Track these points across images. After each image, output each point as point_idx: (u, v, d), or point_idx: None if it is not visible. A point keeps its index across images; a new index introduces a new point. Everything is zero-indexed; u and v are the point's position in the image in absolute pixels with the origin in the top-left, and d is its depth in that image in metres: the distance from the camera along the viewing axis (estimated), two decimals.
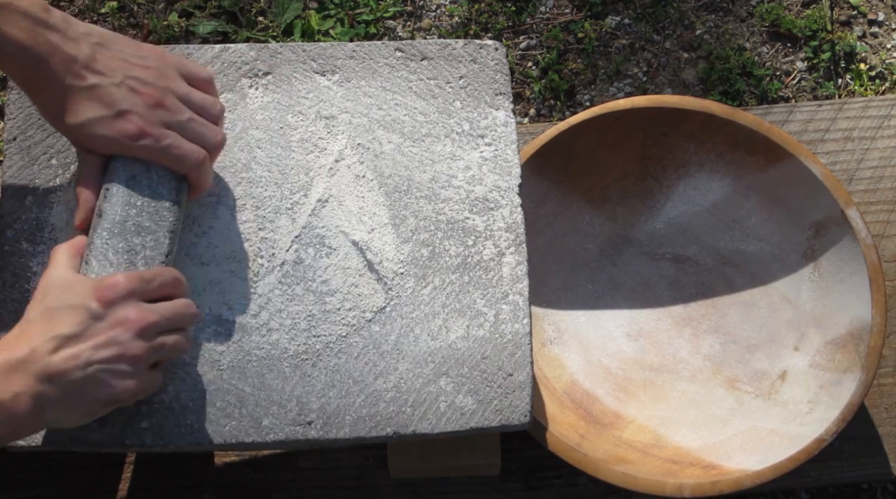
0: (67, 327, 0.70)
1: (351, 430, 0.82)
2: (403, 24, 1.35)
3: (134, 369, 0.72)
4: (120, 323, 0.72)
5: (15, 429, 0.69)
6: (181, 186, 0.81)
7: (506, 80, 0.92)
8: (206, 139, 0.80)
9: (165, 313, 0.74)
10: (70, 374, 0.70)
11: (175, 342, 0.75)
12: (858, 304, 0.95)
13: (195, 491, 0.98)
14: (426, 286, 0.86)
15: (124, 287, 0.73)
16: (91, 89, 0.76)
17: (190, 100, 0.80)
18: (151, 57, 0.79)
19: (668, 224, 1.06)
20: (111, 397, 0.72)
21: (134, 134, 0.77)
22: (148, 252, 0.78)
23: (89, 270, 0.76)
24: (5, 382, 0.68)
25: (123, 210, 0.78)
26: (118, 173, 0.79)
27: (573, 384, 1.00)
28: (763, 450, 0.93)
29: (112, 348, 0.71)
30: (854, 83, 1.32)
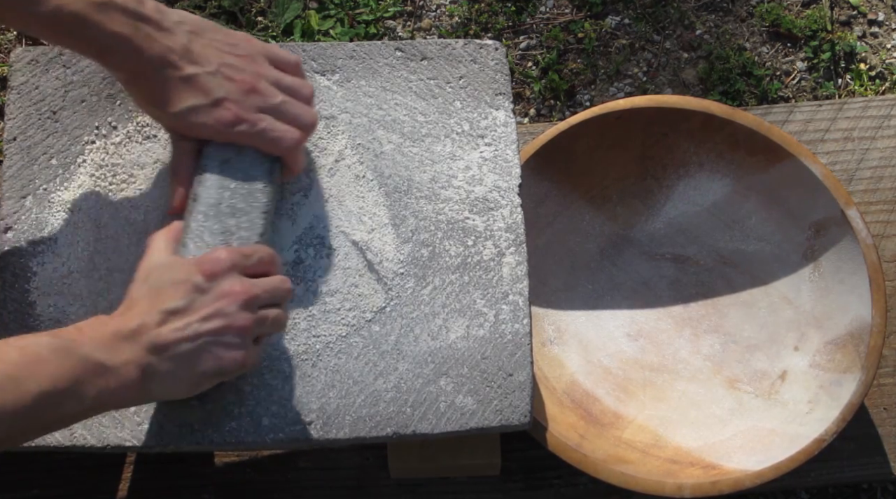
0: (174, 302, 0.72)
1: (351, 430, 0.82)
2: (403, 24, 1.35)
3: (241, 341, 0.73)
4: (225, 295, 0.73)
5: (122, 397, 0.70)
6: (274, 168, 0.82)
7: (506, 80, 0.92)
8: (300, 120, 0.82)
9: (266, 287, 0.75)
10: (179, 345, 0.71)
11: (277, 316, 0.76)
12: (858, 304, 0.95)
13: (195, 491, 0.98)
14: (426, 286, 0.86)
15: (227, 260, 0.74)
16: (188, 79, 0.77)
17: (281, 83, 0.82)
18: (242, 44, 0.81)
19: (668, 224, 1.06)
20: (219, 368, 0.73)
21: (231, 121, 0.79)
22: (243, 232, 0.79)
23: (186, 252, 0.78)
24: (116, 350, 0.69)
25: (217, 193, 0.80)
26: (212, 158, 0.80)
27: (573, 384, 1.00)
28: (763, 450, 0.93)
29: (219, 320, 0.72)
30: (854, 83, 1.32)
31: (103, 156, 0.87)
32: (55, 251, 0.84)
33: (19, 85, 0.88)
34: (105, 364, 0.68)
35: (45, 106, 0.87)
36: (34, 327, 0.82)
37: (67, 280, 0.83)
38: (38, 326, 0.82)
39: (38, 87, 0.88)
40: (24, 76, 0.88)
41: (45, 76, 0.88)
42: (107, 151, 0.87)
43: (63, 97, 0.88)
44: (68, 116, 0.87)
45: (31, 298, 0.83)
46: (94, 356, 0.68)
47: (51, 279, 0.83)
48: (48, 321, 0.82)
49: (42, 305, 0.83)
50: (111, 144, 0.87)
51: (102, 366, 0.68)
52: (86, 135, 0.87)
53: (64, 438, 0.80)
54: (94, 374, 0.67)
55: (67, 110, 0.87)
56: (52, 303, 0.83)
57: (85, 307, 0.83)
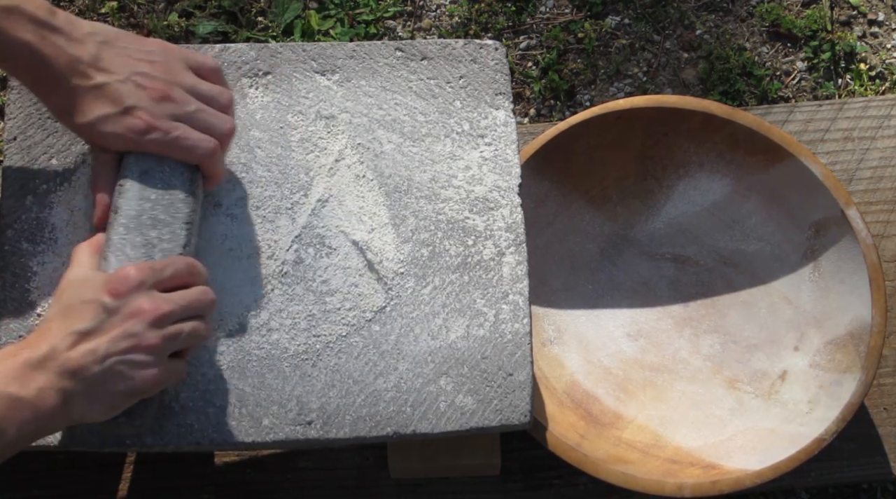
0: (83, 323, 0.71)
1: (351, 430, 0.82)
2: (403, 24, 1.35)
3: (152, 359, 0.72)
4: (133, 314, 0.72)
5: (43, 425, 0.69)
6: (195, 177, 0.81)
7: (506, 80, 0.92)
8: (215, 128, 0.80)
9: (180, 301, 0.74)
10: (89, 368, 0.70)
11: (193, 329, 0.75)
12: (858, 304, 0.95)
13: (195, 491, 0.98)
14: (426, 286, 0.86)
15: (135, 278, 0.73)
16: (97, 88, 0.76)
17: (198, 91, 0.80)
18: (157, 51, 0.80)
19: (669, 224, 1.06)
20: (132, 388, 0.72)
21: (142, 129, 0.77)
22: (165, 245, 0.78)
23: (107, 266, 0.77)
24: (29, 378, 0.68)
25: (138, 204, 0.79)
26: (131, 169, 0.79)
27: (573, 384, 1.00)
28: (763, 450, 0.93)
29: (127, 340, 0.71)
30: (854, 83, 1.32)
31: None
32: (55, 251, 0.84)
33: (19, 85, 0.88)
34: (19, 397, 0.67)
35: None
36: (34, 327, 0.82)
37: None
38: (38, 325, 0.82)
39: None
40: None
41: None
42: None
43: None
44: None
45: (31, 298, 0.83)
46: (7, 391, 0.67)
47: (51, 279, 0.83)
48: None
49: (42, 305, 0.83)
50: None
51: (17, 399, 0.67)
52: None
53: (64, 437, 0.80)
54: (10, 409, 0.67)
55: None
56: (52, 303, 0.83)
57: None
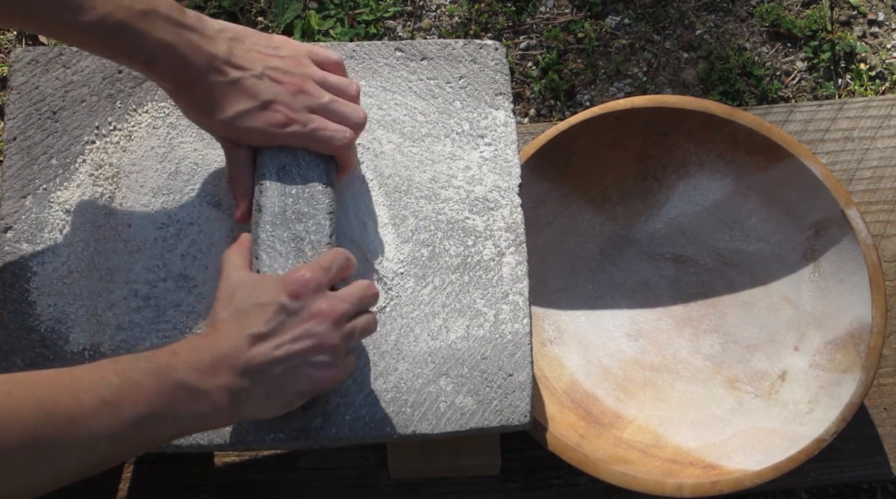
0: (262, 325, 0.72)
1: (351, 430, 0.82)
2: (403, 24, 1.35)
3: (332, 358, 0.74)
4: (314, 315, 0.73)
5: (215, 419, 0.70)
6: (329, 168, 0.82)
7: (506, 80, 0.92)
8: (349, 118, 0.82)
9: (352, 300, 0.76)
10: (271, 368, 0.71)
11: (365, 325, 0.77)
12: (858, 304, 0.95)
13: (195, 491, 0.98)
14: (426, 286, 0.86)
15: (312, 280, 0.74)
16: (235, 83, 0.77)
17: (327, 83, 0.82)
18: (284, 46, 0.81)
19: (669, 224, 1.06)
20: (313, 387, 0.74)
21: (282, 122, 0.79)
22: (312, 236, 0.79)
23: (261, 264, 0.78)
24: (210, 376, 0.69)
25: (280, 200, 0.80)
26: (268, 166, 0.81)
27: (573, 384, 1.00)
28: (763, 450, 0.93)
29: (310, 340, 0.73)
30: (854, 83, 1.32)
31: (103, 156, 0.87)
32: (55, 251, 0.84)
33: (19, 85, 0.88)
34: (199, 389, 0.69)
35: (45, 106, 0.87)
36: (34, 327, 0.82)
37: (67, 280, 0.83)
38: (38, 326, 0.82)
39: (38, 87, 0.88)
40: (24, 76, 0.88)
41: (45, 76, 0.88)
42: (107, 151, 0.87)
43: (63, 97, 0.88)
44: (68, 116, 0.87)
45: (31, 298, 0.83)
46: (188, 381, 0.68)
47: (51, 279, 0.83)
48: (48, 321, 0.82)
49: (42, 305, 0.83)
50: (111, 144, 0.87)
51: (196, 391, 0.68)
52: (86, 135, 0.87)
53: None
54: (188, 398, 0.68)
55: (67, 110, 0.87)
56: (52, 303, 0.83)
57: (85, 307, 0.83)
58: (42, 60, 0.88)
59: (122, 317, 0.83)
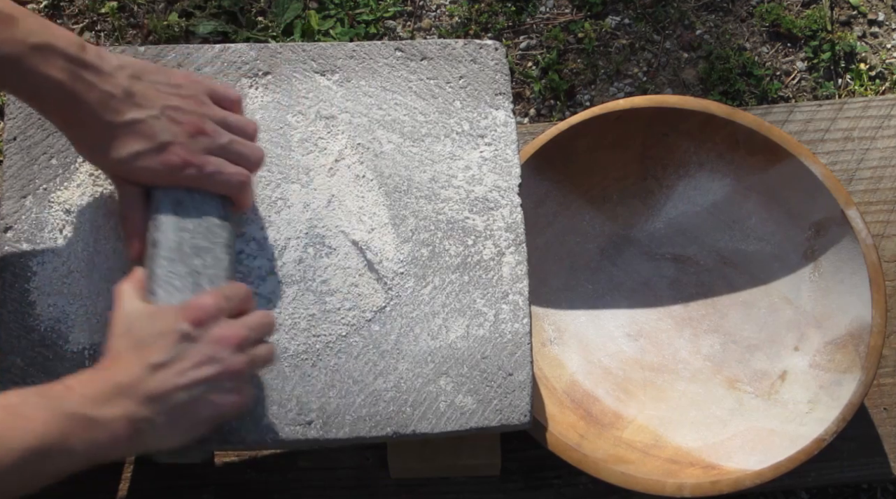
0: (163, 353, 0.71)
1: (351, 430, 0.82)
2: (403, 24, 1.35)
3: (236, 384, 0.73)
4: (217, 341, 0.72)
5: (115, 450, 0.69)
6: (226, 202, 0.81)
7: (506, 80, 0.92)
8: (247, 159, 0.81)
9: (253, 325, 0.75)
10: (173, 396, 0.70)
11: (266, 352, 0.76)
12: (858, 304, 0.95)
13: (195, 491, 0.98)
14: (426, 286, 0.86)
15: (212, 306, 0.73)
16: (131, 124, 0.76)
17: (227, 122, 0.81)
18: (185, 84, 0.80)
19: (669, 224, 1.06)
20: (217, 413, 0.72)
21: (179, 164, 0.77)
22: (210, 271, 0.78)
23: (156, 300, 0.76)
24: (107, 405, 0.68)
25: (176, 235, 0.78)
26: (163, 201, 0.79)
27: (573, 384, 1.00)
28: (763, 450, 0.93)
29: (214, 365, 0.72)
30: (854, 83, 1.32)
31: None
32: (55, 251, 0.84)
33: None
34: (94, 419, 0.67)
35: None
36: (34, 327, 0.82)
37: (67, 280, 0.83)
38: (38, 325, 0.82)
39: None
40: None
41: None
42: None
43: None
44: None
45: (31, 298, 0.83)
46: (83, 412, 0.67)
47: (51, 279, 0.83)
48: (48, 321, 0.82)
49: (42, 305, 0.83)
50: None
51: (92, 421, 0.67)
52: None
53: None
54: (82, 430, 0.67)
55: None
56: (52, 302, 0.83)
57: (85, 307, 0.83)
58: None
59: None
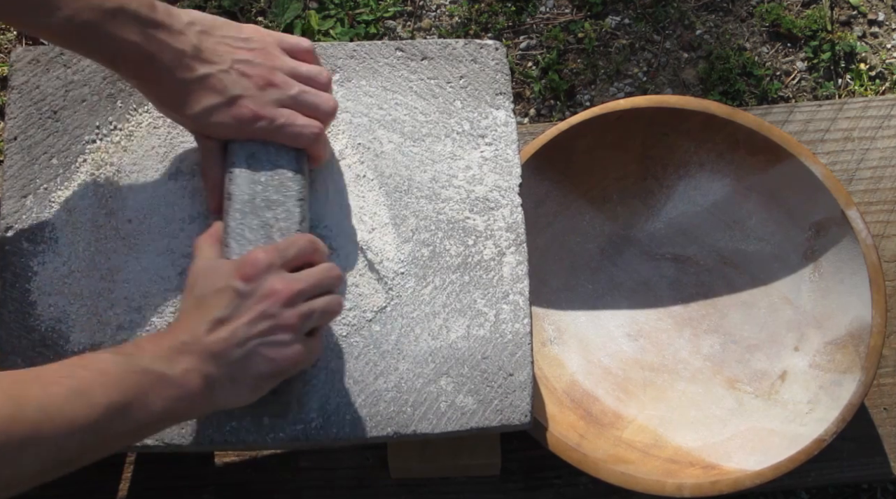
0: (218, 310, 0.72)
1: (351, 429, 0.82)
2: (403, 24, 1.35)
3: (291, 338, 0.73)
4: (267, 296, 0.73)
5: (188, 406, 0.70)
6: (301, 155, 0.82)
7: (506, 80, 0.92)
8: (319, 108, 0.82)
9: (309, 279, 0.75)
10: (230, 352, 0.71)
11: (326, 305, 0.76)
12: (858, 304, 0.95)
13: (195, 491, 0.98)
14: (427, 286, 0.86)
15: (264, 261, 0.74)
16: (203, 79, 0.77)
17: (297, 72, 0.82)
18: (254, 38, 0.81)
19: (669, 224, 1.06)
20: (274, 368, 0.73)
21: (249, 118, 0.79)
22: (282, 224, 0.79)
23: (230, 253, 0.78)
24: (174, 361, 0.70)
25: (250, 188, 0.80)
26: (237, 155, 0.81)
27: (573, 384, 1.00)
28: (763, 450, 0.93)
29: (265, 321, 0.72)
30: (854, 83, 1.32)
31: (104, 155, 0.87)
32: (56, 251, 0.84)
33: (20, 84, 0.88)
34: (166, 375, 0.69)
35: (46, 105, 0.87)
36: (35, 327, 0.82)
37: (68, 280, 0.83)
38: (38, 325, 0.82)
39: (39, 87, 0.88)
40: (24, 76, 0.88)
41: (46, 76, 0.88)
42: (107, 151, 0.87)
43: (64, 97, 0.88)
44: (69, 116, 0.87)
45: (32, 298, 0.83)
46: (154, 368, 0.68)
47: (51, 279, 0.83)
48: (49, 321, 0.82)
49: (42, 305, 0.83)
50: (112, 144, 0.87)
51: (164, 377, 0.69)
52: (86, 134, 0.87)
53: None
54: (158, 385, 0.68)
55: (68, 110, 0.87)
56: (52, 302, 0.83)
57: (86, 307, 0.83)
58: (43, 60, 0.88)
59: (123, 316, 0.83)
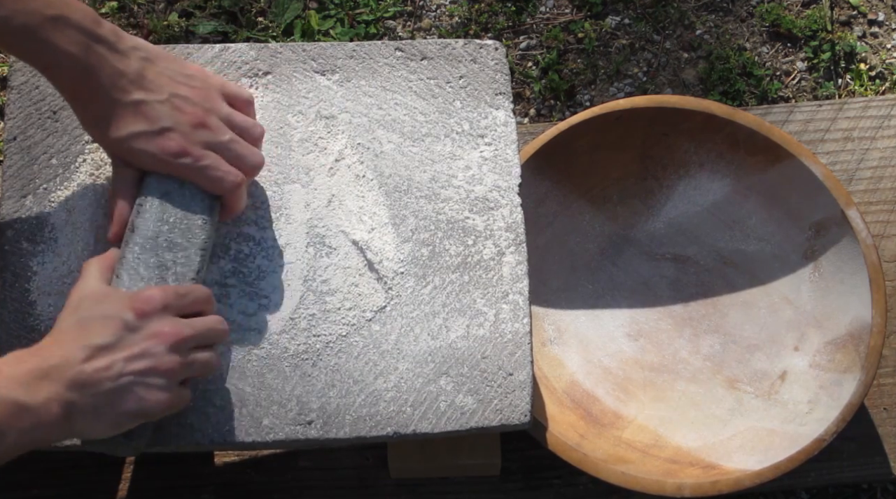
0: (101, 338, 0.70)
1: (351, 429, 0.82)
2: (403, 24, 1.35)
3: (166, 383, 0.72)
4: (154, 336, 0.72)
5: (43, 435, 0.68)
6: (213, 205, 0.81)
7: (506, 80, 0.92)
8: (245, 161, 0.81)
9: (199, 328, 0.74)
10: (101, 384, 0.69)
11: (207, 359, 0.75)
12: (858, 304, 0.95)
13: (195, 491, 0.98)
14: (426, 286, 0.86)
15: (160, 300, 0.73)
16: (136, 105, 0.76)
17: (232, 121, 0.81)
18: (197, 76, 0.80)
19: (669, 224, 1.06)
20: (141, 409, 0.71)
21: (175, 152, 0.77)
22: (179, 269, 0.78)
23: (120, 284, 0.77)
24: (36, 386, 0.67)
25: (156, 225, 0.78)
26: (152, 189, 0.79)
27: (573, 384, 1.00)
28: (763, 450, 0.93)
29: (146, 360, 0.71)
30: (854, 83, 1.32)
31: (103, 155, 0.87)
32: (55, 251, 0.84)
33: (19, 85, 0.88)
34: (24, 404, 0.66)
35: (46, 106, 0.87)
36: (34, 327, 0.82)
37: (68, 280, 0.83)
38: (38, 325, 0.82)
39: (39, 87, 0.88)
40: (24, 76, 0.88)
41: None
42: None
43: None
44: (68, 116, 0.87)
45: (32, 298, 0.83)
46: (10, 396, 0.66)
47: (51, 279, 0.83)
48: (48, 321, 0.82)
49: (42, 305, 0.83)
50: None
51: (21, 405, 0.66)
52: (86, 135, 0.87)
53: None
54: (11, 415, 0.66)
55: (68, 110, 0.87)
56: (52, 302, 0.83)
57: None
58: None
59: None
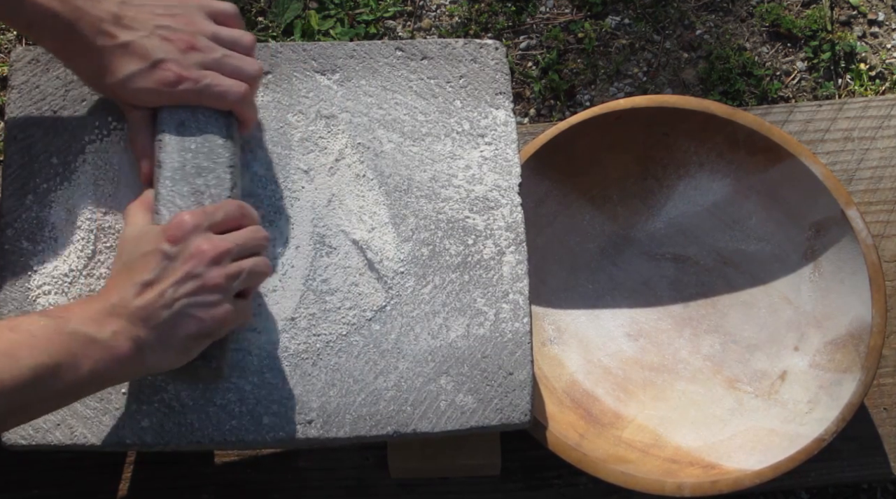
0: (145, 273, 0.72)
1: (351, 429, 0.82)
2: (403, 23, 1.35)
3: (219, 298, 0.74)
4: (192, 256, 0.73)
5: (118, 369, 0.70)
6: (230, 122, 0.82)
7: (506, 80, 0.93)
8: (243, 72, 0.81)
9: (236, 239, 0.75)
10: (158, 314, 0.71)
11: (254, 265, 0.76)
12: (858, 304, 0.95)
13: (195, 491, 0.98)
14: (426, 285, 0.86)
15: (190, 223, 0.74)
16: (124, 46, 0.77)
17: (220, 37, 0.81)
18: (175, 4, 0.81)
19: (669, 224, 1.06)
20: (202, 328, 0.73)
21: (173, 80, 0.78)
22: (213, 190, 0.79)
23: (160, 219, 0.78)
24: (102, 324, 0.70)
25: (180, 156, 0.80)
26: (166, 122, 0.81)
27: (573, 384, 1.00)
28: (763, 450, 0.93)
29: (192, 282, 0.73)
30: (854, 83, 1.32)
31: (103, 155, 0.87)
32: (55, 250, 0.84)
33: (20, 84, 0.88)
34: (94, 337, 0.69)
35: (46, 105, 0.87)
36: None
37: (68, 279, 0.83)
38: None
39: (39, 87, 0.88)
40: (24, 76, 0.88)
41: (46, 75, 0.88)
42: (107, 150, 0.87)
43: (63, 96, 0.88)
44: (69, 115, 0.87)
45: (32, 297, 0.83)
46: (82, 330, 0.69)
47: (51, 278, 0.83)
48: None
49: (42, 304, 0.83)
50: (111, 143, 0.87)
51: (92, 339, 0.69)
52: (86, 134, 0.87)
53: (64, 436, 0.80)
54: (85, 346, 0.69)
55: (68, 109, 0.87)
56: (52, 302, 0.83)
57: None
58: (43, 60, 0.88)
59: None
